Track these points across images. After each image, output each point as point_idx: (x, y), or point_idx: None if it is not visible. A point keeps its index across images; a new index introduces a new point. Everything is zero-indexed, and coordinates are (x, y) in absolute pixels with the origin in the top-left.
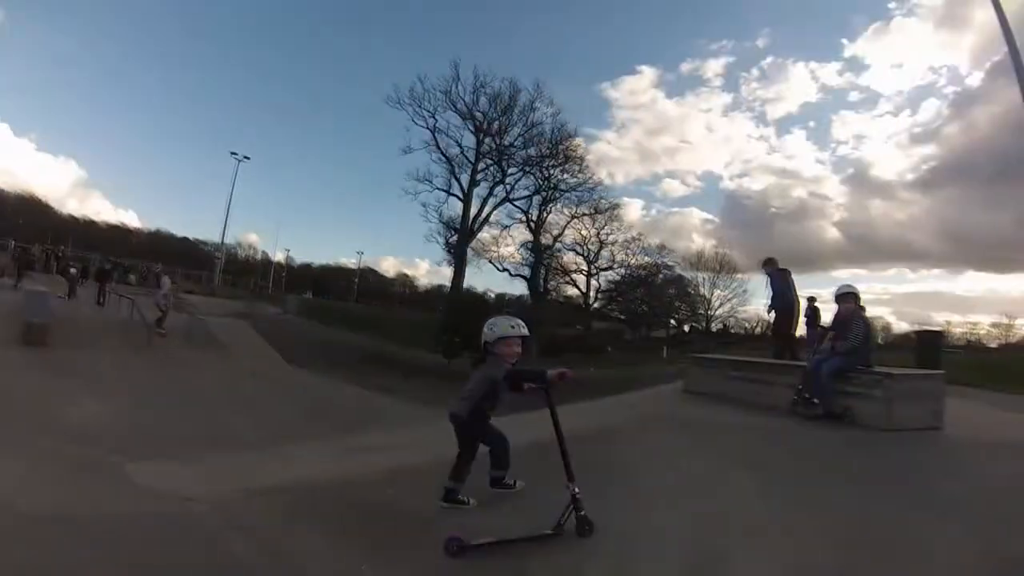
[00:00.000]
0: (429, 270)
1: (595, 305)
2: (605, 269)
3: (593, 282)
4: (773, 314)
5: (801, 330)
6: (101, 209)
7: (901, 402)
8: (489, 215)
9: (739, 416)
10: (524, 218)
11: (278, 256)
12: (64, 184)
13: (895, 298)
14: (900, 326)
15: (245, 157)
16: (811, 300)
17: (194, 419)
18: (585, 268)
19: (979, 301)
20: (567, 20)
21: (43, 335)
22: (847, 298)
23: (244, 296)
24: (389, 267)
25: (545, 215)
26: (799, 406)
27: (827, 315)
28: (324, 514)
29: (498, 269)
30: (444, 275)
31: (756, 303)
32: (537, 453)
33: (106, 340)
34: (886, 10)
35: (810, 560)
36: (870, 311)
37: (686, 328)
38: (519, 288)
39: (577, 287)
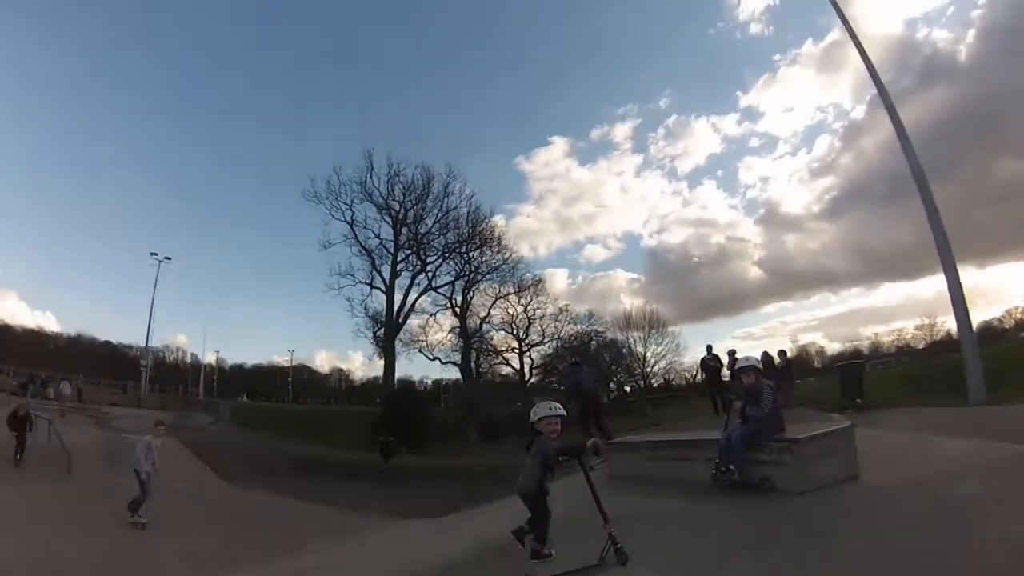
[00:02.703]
0: (364, 362)
1: (532, 380)
2: (536, 344)
3: (526, 359)
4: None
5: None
6: (17, 311)
7: (813, 463)
8: (413, 304)
9: (658, 501)
10: (449, 304)
11: (208, 358)
12: None
13: (823, 322)
14: (832, 347)
15: (166, 258)
16: (731, 354)
17: (113, 552)
18: (516, 346)
19: (899, 308)
20: (478, 98)
21: None
22: (748, 372)
23: (173, 405)
24: (323, 361)
25: (469, 298)
26: (719, 478)
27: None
28: None
29: (428, 358)
30: (379, 366)
31: (691, 353)
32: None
33: (15, 468)
34: (772, 62)
35: None
36: (802, 338)
37: (627, 388)
38: (454, 373)
39: (511, 365)
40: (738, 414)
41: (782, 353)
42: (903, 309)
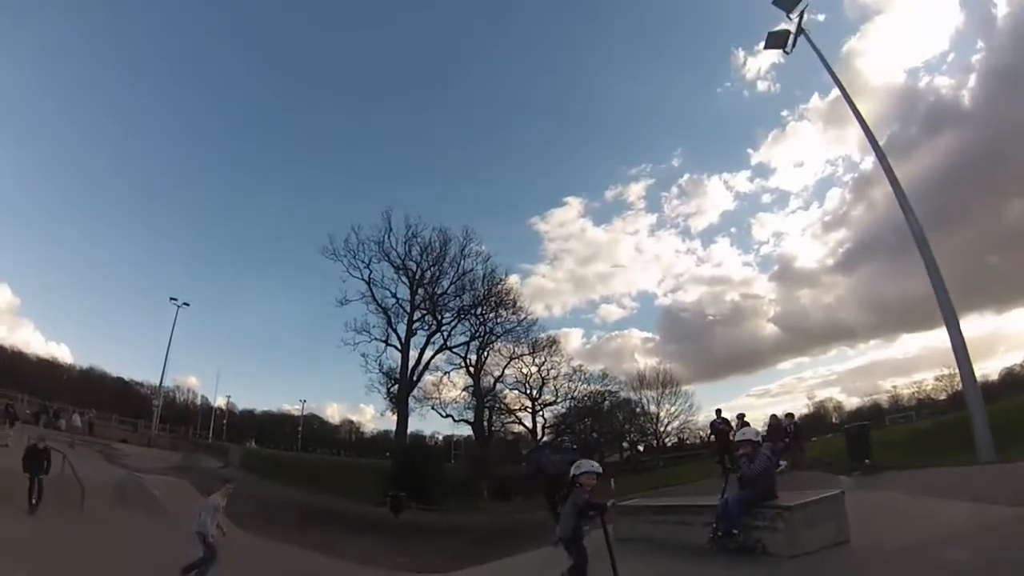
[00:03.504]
0: (375, 415)
1: (545, 439)
2: (550, 404)
3: (539, 418)
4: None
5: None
6: (31, 340)
7: (803, 528)
8: (428, 363)
9: (659, 562)
10: (463, 363)
11: (219, 401)
12: None
13: (841, 376)
14: (851, 402)
15: (184, 303)
16: (740, 417)
17: None
18: (529, 405)
19: (918, 359)
20: (494, 159)
21: None
22: (745, 444)
23: (182, 446)
24: (334, 413)
25: (484, 358)
26: (716, 541)
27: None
28: None
29: (441, 415)
30: (391, 420)
31: (705, 412)
32: None
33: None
34: (780, 118)
35: None
36: (819, 394)
37: (640, 447)
38: (466, 429)
39: (523, 424)
40: (738, 480)
41: (790, 416)
42: (922, 360)
